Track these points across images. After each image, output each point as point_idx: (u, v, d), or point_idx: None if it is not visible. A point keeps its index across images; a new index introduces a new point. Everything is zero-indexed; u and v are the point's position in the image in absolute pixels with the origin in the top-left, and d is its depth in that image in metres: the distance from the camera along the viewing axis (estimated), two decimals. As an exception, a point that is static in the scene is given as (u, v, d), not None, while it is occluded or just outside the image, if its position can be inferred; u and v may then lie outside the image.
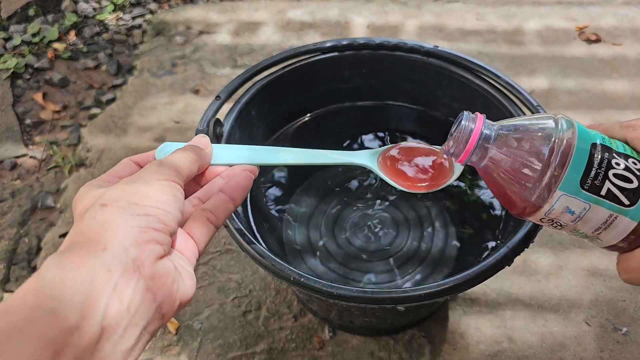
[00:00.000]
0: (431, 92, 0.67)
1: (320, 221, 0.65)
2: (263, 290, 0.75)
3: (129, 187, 0.29)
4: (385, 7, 1.29)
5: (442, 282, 0.44)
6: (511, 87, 0.57)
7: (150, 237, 0.27)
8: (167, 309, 0.28)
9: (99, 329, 0.24)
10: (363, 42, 0.64)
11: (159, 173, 0.31)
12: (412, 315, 0.65)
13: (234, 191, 0.36)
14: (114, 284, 0.25)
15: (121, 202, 0.28)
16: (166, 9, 1.32)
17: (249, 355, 0.68)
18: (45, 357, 0.22)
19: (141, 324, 0.26)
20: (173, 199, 0.30)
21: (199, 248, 0.32)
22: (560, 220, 0.31)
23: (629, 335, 0.69)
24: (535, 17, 1.25)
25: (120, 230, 0.26)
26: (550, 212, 0.31)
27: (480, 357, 0.68)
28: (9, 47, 1.16)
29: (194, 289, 0.30)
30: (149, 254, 0.27)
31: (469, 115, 0.34)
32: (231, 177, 0.37)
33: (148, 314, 0.26)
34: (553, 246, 0.79)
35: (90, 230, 0.26)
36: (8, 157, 0.97)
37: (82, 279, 0.24)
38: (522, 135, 0.32)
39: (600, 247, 0.33)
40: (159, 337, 0.71)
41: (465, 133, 0.33)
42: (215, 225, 0.34)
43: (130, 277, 0.26)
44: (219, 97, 0.56)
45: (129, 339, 0.25)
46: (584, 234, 0.32)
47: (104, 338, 0.24)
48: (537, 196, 0.31)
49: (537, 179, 0.30)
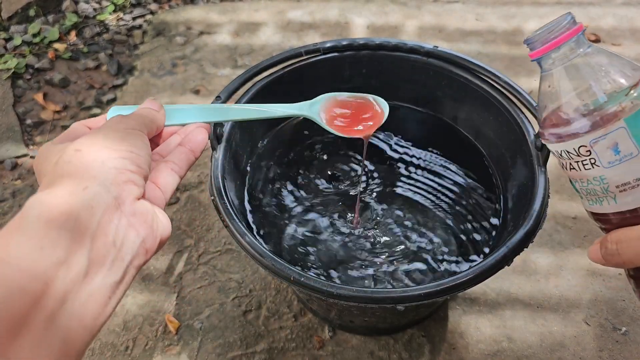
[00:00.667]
0: (431, 93, 0.67)
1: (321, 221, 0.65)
2: (263, 290, 0.75)
3: (99, 135, 0.30)
4: (385, 8, 1.29)
5: (442, 281, 0.44)
6: (511, 88, 0.57)
7: (127, 178, 0.28)
8: (150, 245, 0.29)
9: (87, 262, 0.24)
10: (363, 43, 0.64)
11: (124, 123, 0.32)
12: (411, 315, 0.66)
13: (193, 144, 0.38)
14: (98, 220, 0.26)
15: (95, 146, 0.29)
16: (166, 9, 1.32)
17: (249, 354, 0.69)
18: (35, 289, 0.22)
19: (127, 259, 0.27)
20: (143, 145, 0.31)
21: (165, 197, 0.34)
22: (595, 157, 0.30)
23: (628, 334, 0.69)
24: (535, 17, 1.25)
25: (100, 171, 0.27)
26: (596, 142, 0.29)
27: (479, 357, 0.68)
28: (10, 48, 1.17)
29: (170, 227, 0.32)
30: (128, 193, 0.28)
31: (573, 17, 0.33)
32: (187, 134, 0.39)
33: (133, 249, 0.27)
34: (553, 246, 0.79)
35: (68, 173, 0.27)
36: (9, 157, 0.97)
37: (68, 216, 0.24)
38: (616, 59, 0.31)
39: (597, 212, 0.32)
40: (159, 337, 0.71)
41: (565, 26, 0.32)
42: (179, 175, 0.36)
43: (112, 213, 0.27)
44: (219, 97, 0.56)
45: (116, 272, 0.26)
46: (603, 186, 0.30)
47: (92, 271, 0.25)
48: (599, 118, 0.29)
49: None
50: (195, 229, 0.83)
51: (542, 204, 0.48)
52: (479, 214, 0.62)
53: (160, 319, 0.73)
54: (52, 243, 0.23)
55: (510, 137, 0.58)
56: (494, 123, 0.62)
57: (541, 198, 0.49)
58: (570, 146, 0.31)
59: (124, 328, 0.72)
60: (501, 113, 0.59)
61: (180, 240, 0.82)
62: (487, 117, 0.62)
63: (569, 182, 0.88)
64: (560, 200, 0.85)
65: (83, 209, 0.25)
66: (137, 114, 0.35)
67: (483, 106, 0.62)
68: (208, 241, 0.82)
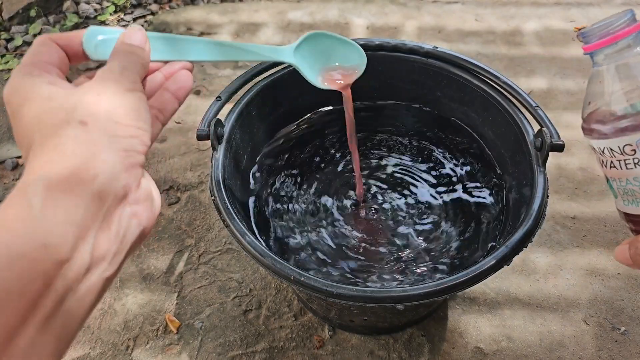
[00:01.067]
0: (431, 93, 0.67)
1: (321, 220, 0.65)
2: (263, 290, 0.76)
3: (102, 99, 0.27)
4: (385, 8, 1.30)
5: (441, 281, 0.44)
6: (510, 88, 0.57)
7: (135, 161, 0.26)
8: (148, 230, 0.27)
9: (89, 259, 0.23)
10: (363, 43, 0.64)
11: (124, 81, 0.29)
12: (411, 314, 0.66)
13: (179, 91, 0.36)
14: (104, 213, 0.24)
15: (102, 120, 0.26)
16: (167, 9, 1.32)
17: (249, 354, 0.69)
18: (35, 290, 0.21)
19: (126, 249, 0.26)
20: (147, 113, 0.29)
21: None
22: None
23: (627, 334, 0.70)
24: (534, 18, 1.25)
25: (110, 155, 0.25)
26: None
27: (479, 356, 0.68)
28: (11, 48, 1.17)
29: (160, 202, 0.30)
30: (134, 178, 0.26)
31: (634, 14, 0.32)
32: (172, 76, 0.36)
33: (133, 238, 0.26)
34: (552, 246, 0.79)
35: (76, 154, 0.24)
36: (9, 157, 0.97)
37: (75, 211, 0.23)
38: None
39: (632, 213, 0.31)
40: (159, 337, 0.71)
41: (624, 22, 0.31)
42: (163, 123, 0.35)
43: (118, 204, 0.25)
44: (219, 98, 0.56)
45: (114, 265, 0.25)
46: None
47: (93, 267, 0.24)
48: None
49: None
50: (196, 228, 0.84)
51: (541, 203, 0.49)
52: (479, 213, 0.62)
53: (160, 319, 0.73)
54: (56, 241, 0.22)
55: (509, 137, 0.59)
56: (493, 123, 0.62)
57: (540, 198, 0.49)
58: (615, 144, 0.31)
59: (124, 327, 0.72)
60: (500, 113, 0.59)
61: (180, 240, 0.82)
62: (486, 117, 0.63)
63: (568, 182, 0.88)
64: (560, 200, 0.86)
65: (92, 201, 0.24)
66: (131, 61, 0.30)
67: (482, 106, 0.62)
68: (208, 241, 0.82)
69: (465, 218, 0.62)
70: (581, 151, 0.94)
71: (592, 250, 0.78)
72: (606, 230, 0.80)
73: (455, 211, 0.63)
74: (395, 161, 0.69)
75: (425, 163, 0.68)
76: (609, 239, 0.79)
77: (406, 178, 0.67)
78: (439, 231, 0.62)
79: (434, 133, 0.70)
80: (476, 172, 0.65)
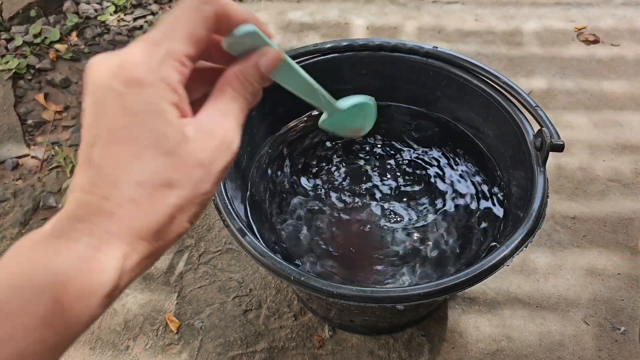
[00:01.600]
0: (430, 93, 0.67)
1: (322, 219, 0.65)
2: (263, 290, 0.76)
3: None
4: (385, 9, 1.30)
5: (441, 281, 0.44)
6: (510, 88, 0.57)
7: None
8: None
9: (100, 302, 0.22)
10: (362, 43, 0.64)
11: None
12: (411, 314, 0.66)
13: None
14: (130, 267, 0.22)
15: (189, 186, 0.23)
16: (167, 10, 1.32)
17: (249, 354, 0.69)
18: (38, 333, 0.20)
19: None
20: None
21: None
22: None
23: (627, 334, 0.70)
24: (534, 18, 1.25)
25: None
26: None
27: (479, 356, 0.68)
28: (11, 48, 1.17)
29: None
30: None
31: None
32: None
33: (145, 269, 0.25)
34: (551, 246, 0.79)
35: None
36: (10, 157, 0.97)
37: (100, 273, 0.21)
38: None
39: None
40: (159, 336, 0.71)
41: None
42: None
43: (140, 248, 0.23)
44: (220, 98, 0.56)
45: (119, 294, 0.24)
46: None
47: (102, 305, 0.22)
48: None
49: None
50: (196, 228, 0.84)
51: (541, 203, 0.49)
52: (478, 213, 0.62)
53: (161, 319, 0.73)
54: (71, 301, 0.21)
55: (509, 137, 0.59)
56: (493, 123, 0.62)
57: (540, 198, 0.49)
58: None
59: (124, 327, 0.72)
60: (500, 113, 0.59)
61: (180, 240, 0.82)
62: (486, 117, 0.63)
63: (568, 182, 0.89)
64: (560, 200, 0.86)
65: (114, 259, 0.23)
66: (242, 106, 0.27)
67: (482, 106, 0.62)
68: (209, 241, 0.82)
69: (465, 218, 0.62)
70: (581, 151, 0.94)
71: (592, 250, 0.78)
72: (606, 230, 0.80)
73: (455, 211, 0.63)
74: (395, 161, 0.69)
75: (425, 163, 0.68)
76: (609, 239, 0.79)
77: (406, 177, 0.67)
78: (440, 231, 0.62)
79: (434, 132, 0.70)
80: (476, 172, 0.65)
